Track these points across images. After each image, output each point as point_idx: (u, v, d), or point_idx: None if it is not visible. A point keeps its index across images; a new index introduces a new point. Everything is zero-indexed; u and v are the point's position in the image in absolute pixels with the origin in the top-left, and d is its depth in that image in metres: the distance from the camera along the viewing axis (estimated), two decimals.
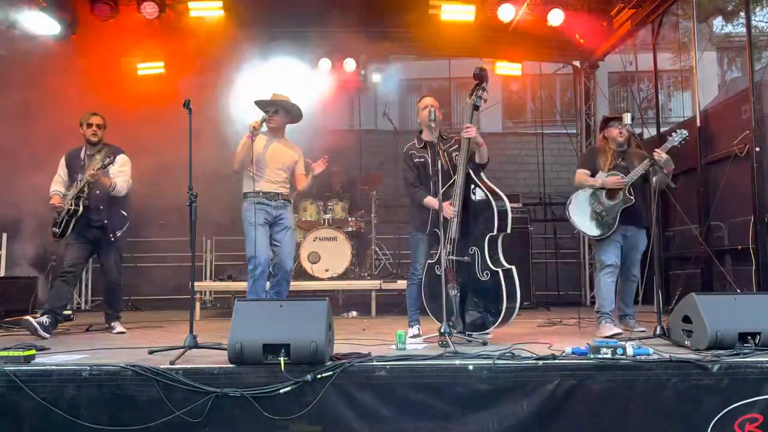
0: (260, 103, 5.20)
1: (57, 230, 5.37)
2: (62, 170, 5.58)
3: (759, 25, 14.80)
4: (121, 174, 5.46)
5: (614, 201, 4.88)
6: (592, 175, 5.05)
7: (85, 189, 5.31)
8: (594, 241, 5.15)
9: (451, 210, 4.51)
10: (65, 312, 6.87)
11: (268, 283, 5.19)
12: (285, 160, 5.21)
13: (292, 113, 5.30)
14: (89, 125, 5.49)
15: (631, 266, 5.03)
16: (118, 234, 5.55)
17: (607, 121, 5.18)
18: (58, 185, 5.55)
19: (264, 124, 5.03)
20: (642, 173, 4.81)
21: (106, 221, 5.42)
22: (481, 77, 4.69)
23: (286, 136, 5.43)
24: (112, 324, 5.59)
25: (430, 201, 4.69)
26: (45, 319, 5.06)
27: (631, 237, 4.96)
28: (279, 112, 5.16)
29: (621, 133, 4.97)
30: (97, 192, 5.36)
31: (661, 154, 4.64)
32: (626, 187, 4.86)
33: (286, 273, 5.16)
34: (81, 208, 5.31)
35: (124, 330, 5.56)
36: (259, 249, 4.94)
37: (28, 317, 5.11)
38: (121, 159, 5.49)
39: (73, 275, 5.38)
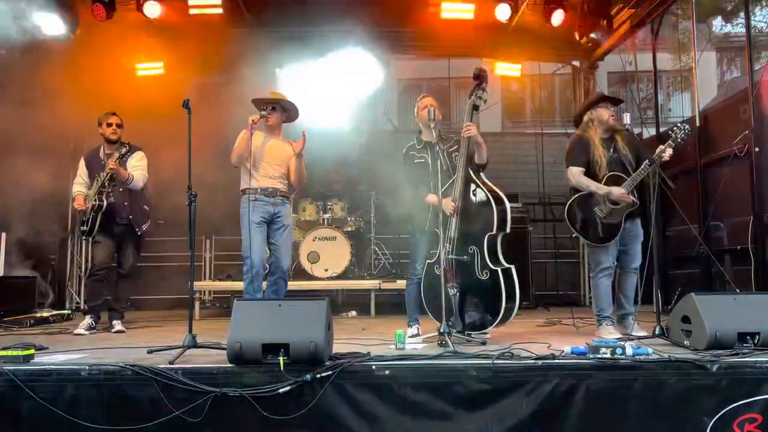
0: (258, 101, 5.22)
1: (85, 228, 5.54)
2: (82, 170, 5.75)
3: (758, 25, 14.82)
4: (137, 168, 5.64)
5: (619, 205, 4.67)
6: (587, 171, 4.79)
7: (106, 183, 5.49)
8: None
9: (451, 205, 4.52)
10: (64, 311, 6.91)
11: (264, 283, 5.19)
12: (282, 156, 5.22)
13: (290, 112, 5.33)
14: (109, 124, 5.67)
15: (635, 260, 4.80)
16: (144, 228, 5.75)
17: (598, 100, 4.86)
18: (79, 186, 5.73)
19: (262, 120, 5.05)
20: (642, 176, 4.56)
21: (131, 217, 5.62)
22: (480, 77, 4.68)
23: (287, 137, 5.44)
24: (113, 323, 5.62)
25: (432, 198, 4.70)
26: (90, 321, 5.44)
27: (630, 228, 4.76)
28: (277, 110, 5.20)
29: (612, 116, 4.72)
30: (120, 189, 5.56)
31: (663, 154, 4.43)
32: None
33: (283, 272, 5.17)
34: (105, 203, 5.48)
35: (123, 329, 5.57)
36: (254, 250, 4.95)
37: (79, 331, 5.33)
38: (139, 154, 5.70)
39: (105, 273, 5.59)
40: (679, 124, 4.56)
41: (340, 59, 8.57)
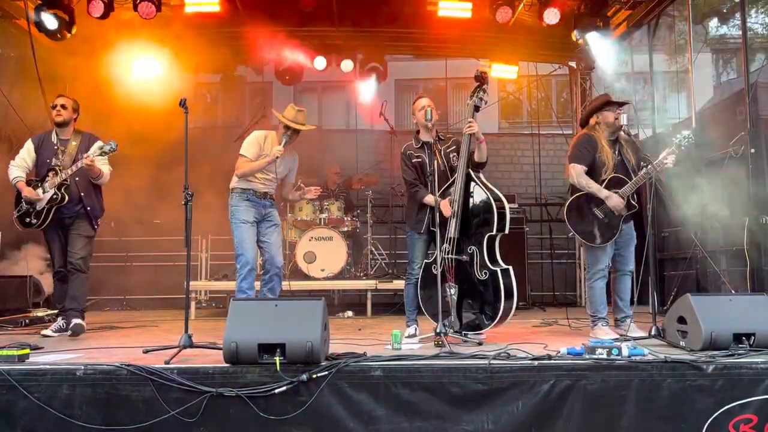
0: (285, 122, 5.08)
1: (35, 221, 5.11)
2: (27, 154, 5.24)
3: (753, 27, 14.86)
4: (104, 164, 5.24)
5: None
6: (591, 171, 4.78)
7: (68, 177, 5.09)
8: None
9: (448, 209, 4.53)
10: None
11: (258, 283, 5.18)
12: (282, 171, 5.19)
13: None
14: (53, 106, 5.25)
15: (629, 261, 4.84)
16: (99, 222, 5.34)
17: (604, 105, 4.84)
18: (19, 170, 5.20)
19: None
20: (641, 183, 4.61)
21: (89, 208, 5.22)
22: (481, 79, 4.75)
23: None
24: (72, 319, 5.08)
25: (431, 199, 4.70)
26: (62, 323, 5.18)
27: (625, 230, 4.79)
28: (298, 133, 5.16)
29: (617, 118, 4.72)
30: (77, 179, 5.16)
31: (666, 161, 4.45)
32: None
33: (278, 268, 5.17)
34: (67, 198, 5.11)
35: (82, 322, 5.15)
36: (246, 247, 4.97)
37: (47, 332, 5.09)
38: (99, 144, 5.19)
39: (65, 271, 5.24)
40: (684, 132, 4.53)
41: (337, 58, 8.61)
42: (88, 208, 5.23)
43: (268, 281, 5.15)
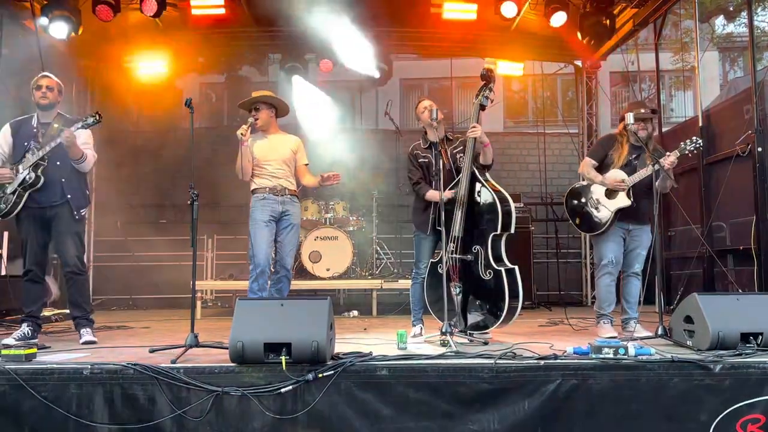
0: (243, 105, 5.17)
1: (2, 206, 4.54)
2: (3, 139, 4.69)
3: (760, 25, 14.80)
4: (87, 147, 4.72)
5: (612, 200, 4.73)
6: (600, 166, 4.86)
7: (46, 157, 4.53)
8: (593, 238, 4.99)
9: (450, 193, 4.59)
10: (66, 311, 6.88)
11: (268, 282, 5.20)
12: (283, 154, 5.16)
13: (278, 107, 5.23)
14: (38, 87, 4.68)
15: (634, 264, 4.84)
16: (83, 213, 4.76)
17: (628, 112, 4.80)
18: None
19: (251, 126, 4.98)
20: (644, 177, 4.62)
21: (69, 196, 4.62)
22: (487, 78, 4.75)
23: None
24: (81, 332, 4.64)
25: (433, 194, 4.71)
26: (26, 330, 4.57)
27: (634, 232, 4.80)
28: (261, 109, 5.10)
29: (644, 127, 4.72)
30: (57, 162, 4.59)
31: (668, 159, 4.48)
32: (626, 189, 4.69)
33: (287, 270, 5.17)
34: (42, 179, 4.52)
35: (94, 339, 4.62)
36: (259, 249, 4.95)
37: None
38: (85, 132, 4.68)
39: (39, 270, 4.72)
40: (694, 138, 4.57)
41: (342, 59, 8.60)
42: (69, 196, 4.63)
43: (276, 282, 5.16)
